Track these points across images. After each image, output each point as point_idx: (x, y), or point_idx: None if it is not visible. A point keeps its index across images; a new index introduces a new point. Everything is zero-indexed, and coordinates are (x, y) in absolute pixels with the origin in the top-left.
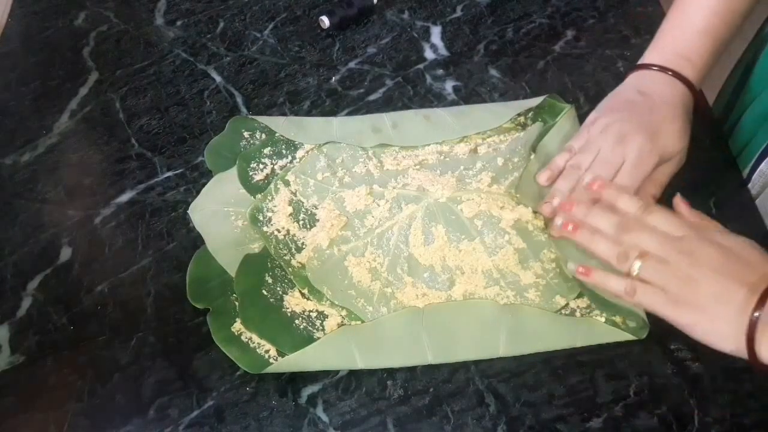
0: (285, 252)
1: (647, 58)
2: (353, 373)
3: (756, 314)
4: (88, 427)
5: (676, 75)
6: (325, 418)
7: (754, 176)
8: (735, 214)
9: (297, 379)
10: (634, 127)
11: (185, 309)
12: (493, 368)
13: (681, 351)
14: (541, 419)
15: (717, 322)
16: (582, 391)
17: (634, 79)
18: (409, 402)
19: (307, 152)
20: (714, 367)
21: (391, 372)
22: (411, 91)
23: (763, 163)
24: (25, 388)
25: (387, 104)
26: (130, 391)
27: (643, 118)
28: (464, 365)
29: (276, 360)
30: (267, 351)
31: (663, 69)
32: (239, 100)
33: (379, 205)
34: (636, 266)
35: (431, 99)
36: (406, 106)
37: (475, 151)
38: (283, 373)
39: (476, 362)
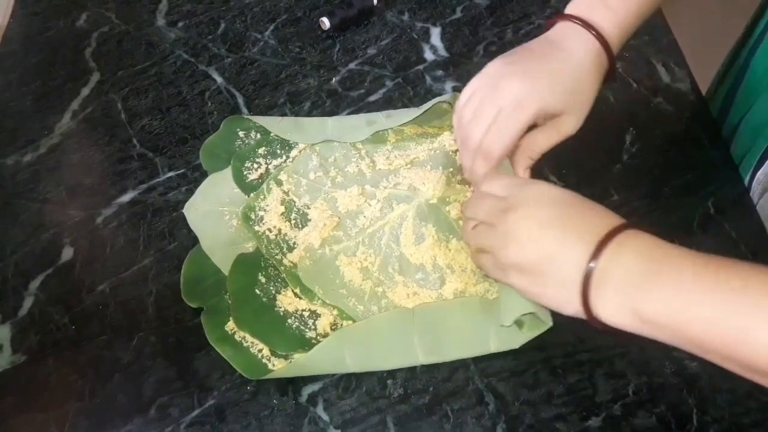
0: (276, 252)
1: (569, 7)
2: (353, 373)
3: (591, 264)
4: (89, 426)
5: (597, 35)
6: (325, 417)
7: (753, 184)
8: (735, 215)
9: (297, 379)
10: (513, 71)
11: (186, 309)
12: (492, 367)
13: (680, 350)
14: (540, 418)
15: (550, 282)
16: (581, 390)
17: (551, 30)
18: (409, 401)
19: (300, 152)
20: (713, 367)
21: (391, 371)
22: (411, 91)
23: (759, 171)
24: (26, 387)
25: (387, 105)
26: (131, 390)
27: (531, 64)
28: (464, 364)
29: (269, 359)
30: (260, 350)
31: (583, 24)
32: (240, 100)
33: (370, 205)
34: (470, 240)
35: (431, 99)
36: (405, 107)
37: None
38: None
39: (476, 361)
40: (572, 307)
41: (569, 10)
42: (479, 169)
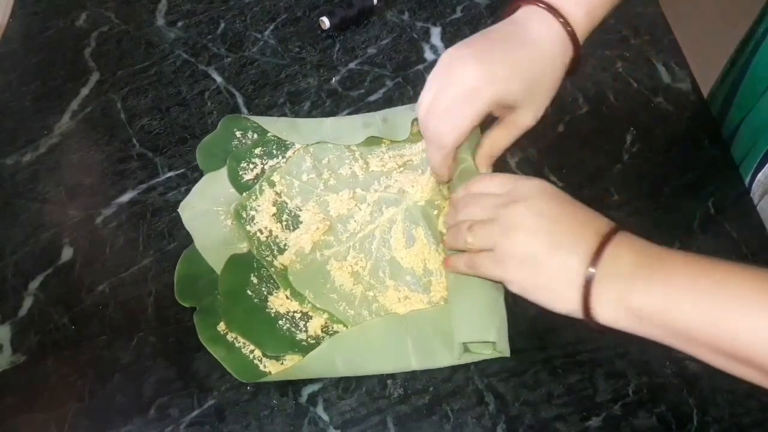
0: (267, 253)
1: None
2: None
3: (591, 270)
4: (88, 426)
5: (564, 22)
6: (325, 417)
7: (753, 185)
8: (735, 215)
9: (297, 379)
10: (468, 55)
11: (186, 309)
12: (492, 367)
13: (680, 350)
14: (540, 418)
15: (552, 276)
16: (581, 390)
17: (514, 14)
18: (409, 401)
19: (294, 152)
20: (713, 367)
21: None
22: (411, 91)
23: (760, 173)
24: (26, 387)
25: (387, 105)
26: (130, 390)
27: (489, 49)
28: (464, 365)
29: (261, 360)
30: (252, 351)
31: (549, 8)
32: (240, 100)
33: (360, 209)
34: (468, 239)
35: None
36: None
37: None
38: None
39: (475, 362)
40: (569, 305)
41: None
42: (432, 159)
